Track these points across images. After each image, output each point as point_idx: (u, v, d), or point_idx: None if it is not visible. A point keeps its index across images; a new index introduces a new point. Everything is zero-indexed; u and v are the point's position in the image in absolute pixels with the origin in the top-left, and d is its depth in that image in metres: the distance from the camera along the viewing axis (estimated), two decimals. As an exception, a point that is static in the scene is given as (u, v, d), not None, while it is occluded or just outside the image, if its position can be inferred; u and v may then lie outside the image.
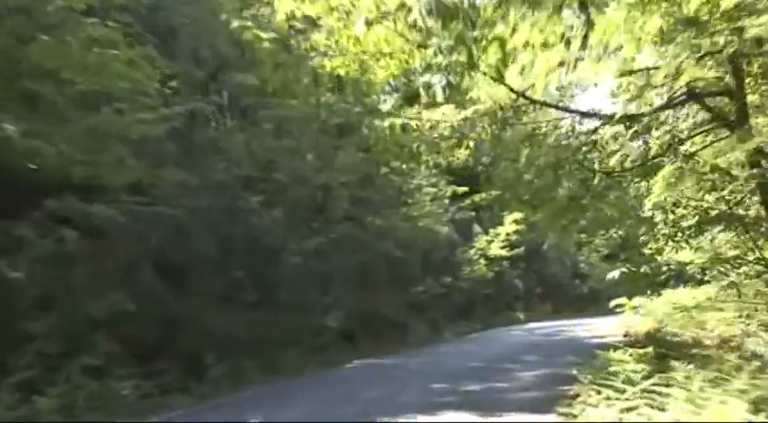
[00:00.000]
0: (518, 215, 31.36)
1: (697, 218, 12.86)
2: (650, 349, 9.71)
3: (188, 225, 15.93)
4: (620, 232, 47.03)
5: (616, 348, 10.71)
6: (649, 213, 14.05)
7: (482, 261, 29.70)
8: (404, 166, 24.86)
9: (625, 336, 17.08)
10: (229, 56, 17.79)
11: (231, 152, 17.24)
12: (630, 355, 9.74)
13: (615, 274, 15.19)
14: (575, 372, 9.54)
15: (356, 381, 13.99)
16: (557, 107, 11.56)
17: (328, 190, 20.09)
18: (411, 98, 9.71)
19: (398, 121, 14.34)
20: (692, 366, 9.01)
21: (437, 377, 12.96)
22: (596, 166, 13.07)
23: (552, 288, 38.90)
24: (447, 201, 29.05)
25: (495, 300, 32.02)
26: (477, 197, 30.83)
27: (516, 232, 31.18)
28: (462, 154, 24.61)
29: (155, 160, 14.94)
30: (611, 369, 9.00)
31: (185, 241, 16.03)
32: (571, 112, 11.71)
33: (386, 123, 14.51)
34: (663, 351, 10.39)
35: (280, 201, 18.11)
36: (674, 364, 9.01)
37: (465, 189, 29.60)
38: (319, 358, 17.21)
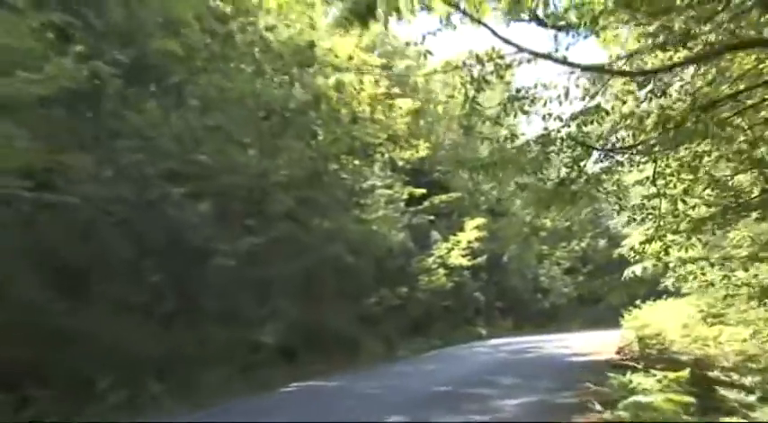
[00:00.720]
0: (480, 221, 28.96)
1: (716, 207, 10.40)
2: (685, 373, 7.11)
3: (92, 219, 13.10)
4: (582, 244, 45.58)
5: (633, 370, 8.14)
6: (652, 203, 11.44)
7: (441, 270, 26.98)
8: (356, 162, 22.28)
9: (618, 353, 14.54)
10: (146, 19, 14.87)
11: (148, 131, 14.28)
12: (659, 380, 7.13)
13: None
14: (597, 407, 6.87)
15: (292, 409, 11.23)
16: (550, 57, 8.97)
17: (267, 180, 17.18)
18: (363, 12, 6.97)
19: (347, 78, 11.85)
20: (753, 398, 6.52)
21: (394, 405, 10.37)
22: (595, 143, 10.53)
23: (513, 302, 36.48)
24: (403, 204, 26.38)
25: (455, 313, 29.32)
26: (436, 199, 28.33)
27: (478, 240, 28.58)
28: (422, 146, 22.19)
29: (55, 142, 12.13)
30: (643, 399, 6.42)
31: (87, 238, 13.14)
32: (569, 65, 9.13)
33: (331, 81, 12.05)
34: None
35: (207, 191, 15.19)
36: (726, 394, 6.49)
37: (423, 191, 27.01)
38: (251, 380, 14.42)
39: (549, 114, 10.20)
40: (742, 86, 9.51)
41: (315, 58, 18.64)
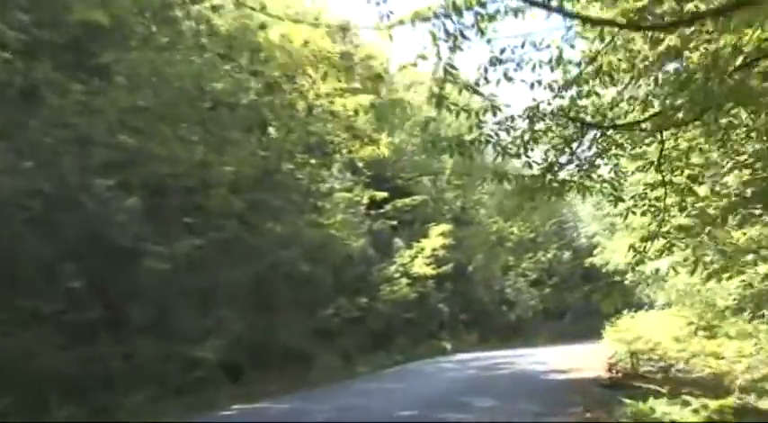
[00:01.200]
0: (445, 227, 27.29)
1: (734, 198, 8.79)
2: (730, 401, 5.40)
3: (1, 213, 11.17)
4: (549, 255, 44.35)
5: (656, 396, 6.44)
6: (655, 194, 9.74)
7: (403, 280, 25.14)
8: (312, 161, 20.43)
9: (610, 370, 12.85)
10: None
11: (70, 115, 12.28)
12: (695, 410, 5.40)
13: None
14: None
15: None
16: (544, 6, 7.27)
17: (210, 173, 15.18)
18: None
19: (296, 35, 10.17)
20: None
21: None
22: (591, 119, 8.86)
23: (478, 315, 34.71)
24: (363, 207, 24.58)
25: (418, 326, 27.37)
26: (399, 203, 26.61)
27: (443, 247, 26.82)
28: (383, 141, 20.45)
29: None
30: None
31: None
32: (566, 15, 7.43)
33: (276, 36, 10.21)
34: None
35: (136, 182, 13.20)
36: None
37: (384, 195, 25.26)
38: (186, 401, 12.48)
39: (539, 82, 8.50)
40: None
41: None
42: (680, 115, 7.52)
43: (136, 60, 13.20)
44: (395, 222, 26.74)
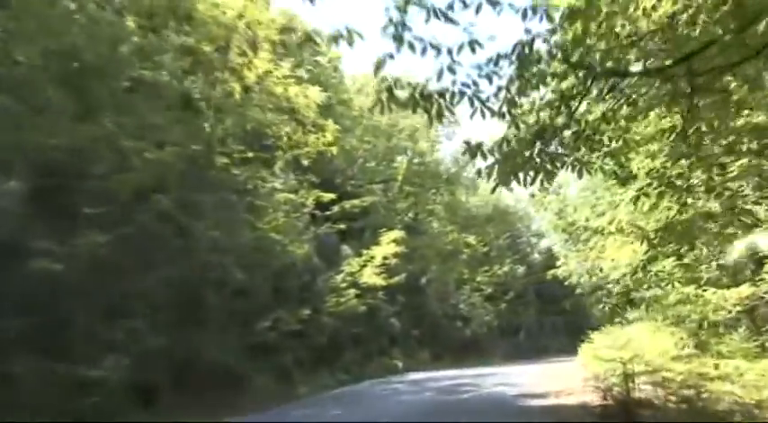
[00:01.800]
0: (397, 234, 25.03)
1: None
2: None
3: None
4: (505, 268, 42.69)
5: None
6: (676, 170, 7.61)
7: (351, 291, 22.73)
8: (250, 155, 17.99)
9: (604, 398, 10.63)
10: None
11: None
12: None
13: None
14: None
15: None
16: None
17: (121, 153, 12.60)
18: None
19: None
20: None
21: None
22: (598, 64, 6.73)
23: (431, 330, 32.51)
24: (308, 210, 22.23)
25: (367, 342, 24.96)
26: (347, 204, 24.36)
27: (395, 255, 24.50)
28: (330, 128, 18.17)
29: None
30: None
31: None
32: None
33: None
34: None
35: (16, 160, 10.63)
36: None
37: (332, 196, 22.98)
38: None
39: (533, 9, 6.35)
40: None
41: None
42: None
43: (15, 10, 10.64)
44: (343, 226, 24.33)
